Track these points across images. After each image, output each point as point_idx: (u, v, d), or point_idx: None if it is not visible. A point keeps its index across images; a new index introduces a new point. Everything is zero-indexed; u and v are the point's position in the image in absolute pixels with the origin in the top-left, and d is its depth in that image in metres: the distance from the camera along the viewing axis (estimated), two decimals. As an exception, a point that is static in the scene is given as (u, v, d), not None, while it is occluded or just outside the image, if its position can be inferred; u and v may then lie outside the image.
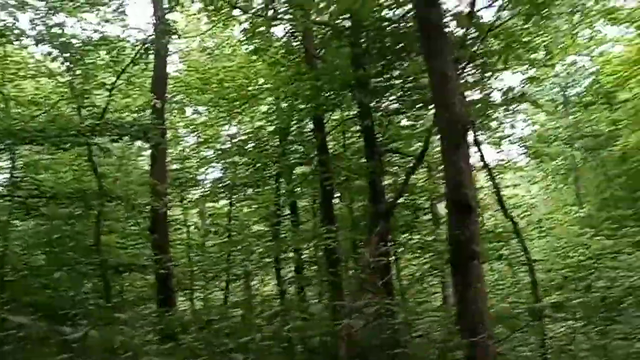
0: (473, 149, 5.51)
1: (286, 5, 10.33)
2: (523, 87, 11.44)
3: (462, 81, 7.07)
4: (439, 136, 10.87)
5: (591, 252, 13.80)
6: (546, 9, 9.14)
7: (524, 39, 10.74)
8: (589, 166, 21.39)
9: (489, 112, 9.80)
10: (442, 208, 15.17)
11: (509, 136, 14.63)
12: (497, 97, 10.56)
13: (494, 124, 12.28)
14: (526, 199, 19.06)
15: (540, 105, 14.18)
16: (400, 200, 10.85)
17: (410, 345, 5.54)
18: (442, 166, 4.97)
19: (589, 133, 20.04)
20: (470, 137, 4.84)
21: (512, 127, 14.29)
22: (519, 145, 16.41)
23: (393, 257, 8.71)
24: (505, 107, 10.17)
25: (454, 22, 7.22)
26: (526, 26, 10.90)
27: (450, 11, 7.52)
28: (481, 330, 4.32)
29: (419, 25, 5.59)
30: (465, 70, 8.62)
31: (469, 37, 8.39)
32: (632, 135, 16.19)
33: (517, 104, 10.68)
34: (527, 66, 11.93)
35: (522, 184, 20.21)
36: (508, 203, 9.94)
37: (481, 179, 12.90)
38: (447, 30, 5.52)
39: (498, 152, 15.17)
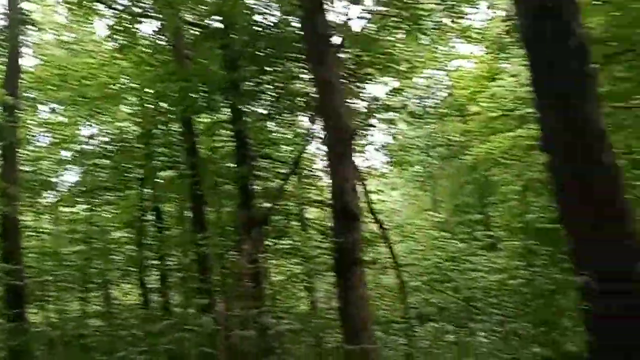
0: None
1: (155, 2, 9.93)
2: (389, 97, 11.92)
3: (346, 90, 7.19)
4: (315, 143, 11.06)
5: (447, 255, 14.71)
6: (415, 24, 9.62)
7: (391, 51, 11.24)
8: (444, 174, 22.82)
9: (365, 120, 10.10)
10: (311, 214, 15.44)
11: (371, 144, 15.18)
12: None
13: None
14: (388, 204, 19.89)
15: (416, 115, 14.89)
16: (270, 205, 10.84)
17: (289, 350, 5.53)
18: (328, 174, 5.00)
19: (444, 143, 21.41)
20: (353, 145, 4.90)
21: (372, 135, 14.85)
22: (382, 152, 17.14)
23: (265, 264, 8.66)
24: (370, 115, 10.52)
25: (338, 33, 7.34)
26: (392, 39, 11.43)
27: (334, 22, 7.64)
28: (364, 334, 4.40)
29: (304, 34, 5.60)
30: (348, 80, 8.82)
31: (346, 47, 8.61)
32: (482, 146, 17.43)
33: (384, 113, 11.08)
34: (390, 77, 12.47)
35: (384, 190, 21.09)
36: (375, 209, 10.27)
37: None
38: (332, 40, 5.57)
39: (363, 160, 15.64)
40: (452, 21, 14.75)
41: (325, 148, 10.64)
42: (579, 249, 5.89)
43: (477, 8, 15.68)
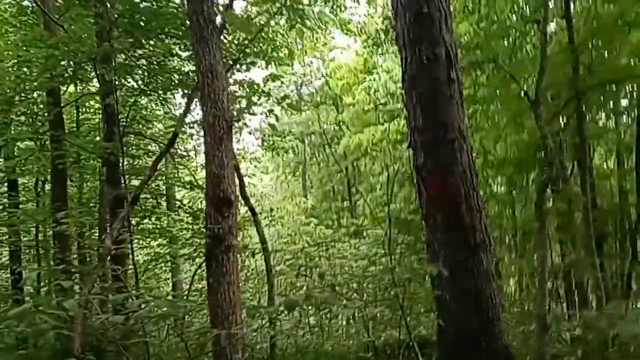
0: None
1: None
2: (267, 83, 11.96)
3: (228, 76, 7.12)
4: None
5: (314, 239, 15.13)
6: (296, 12, 9.75)
7: (271, 37, 11.30)
8: (315, 161, 23.37)
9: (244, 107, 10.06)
10: (179, 194, 15.17)
11: (246, 126, 15.17)
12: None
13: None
14: (259, 188, 20.03)
15: (293, 102, 15.04)
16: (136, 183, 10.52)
17: (152, 334, 5.44)
18: (205, 158, 4.98)
19: (318, 130, 21.90)
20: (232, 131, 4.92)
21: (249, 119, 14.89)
22: (255, 136, 17.21)
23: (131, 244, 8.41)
24: (249, 101, 10.51)
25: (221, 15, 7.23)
26: (273, 24, 11.50)
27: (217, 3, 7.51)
28: (233, 318, 4.47)
29: (189, 15, 5.48)
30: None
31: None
32: (353, 137, 18.08)
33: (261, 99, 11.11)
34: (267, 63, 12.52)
35: (256, 174, 21.18)
36: (247, 193, 10.32)
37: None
38: (216, 25, 5.50)
39: (236, 142, 15.59)
40: (333, 12, 15.15)
41: (201, 131, 10.58)
42: (433, 241, 6.37)
43: (357, 3, 16.21)
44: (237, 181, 6.72)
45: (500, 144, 11.49)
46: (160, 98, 11.27)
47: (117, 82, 9.86)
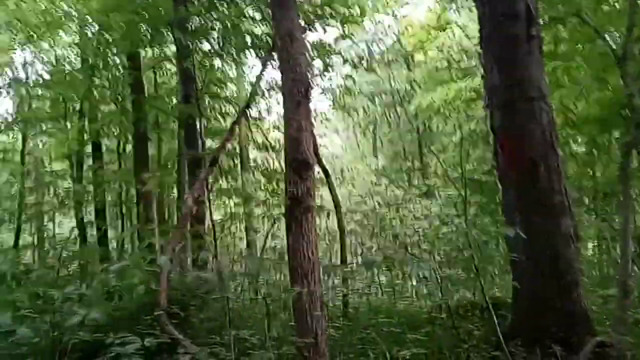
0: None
1: None
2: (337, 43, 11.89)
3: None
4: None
5: (385, 200, 15.11)
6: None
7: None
8: (386, 120, 23.13)
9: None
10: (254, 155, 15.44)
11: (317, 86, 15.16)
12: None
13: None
14: (330, 148, 20.10)
15: (374, 69, 14.93)
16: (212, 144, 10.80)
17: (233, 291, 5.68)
18: (283, 122, 5.08)
19: (389, 89, 21.60)
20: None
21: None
22: (326, 97, 17.15)
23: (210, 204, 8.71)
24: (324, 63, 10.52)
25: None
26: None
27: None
28: (312, 277, 4.62)
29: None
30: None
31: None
32: (425, 95, 17.73)
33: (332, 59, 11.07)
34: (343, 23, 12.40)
35: (327, 134, 21.22)
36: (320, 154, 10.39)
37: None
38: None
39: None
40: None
41: (274, 93, 10.68)
42: (509, 203, 6.26)
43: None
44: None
45: (582, 102, 11.02)
46: (234, 60, 11.41)
47: (192, 46, 10.06)
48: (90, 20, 10.90)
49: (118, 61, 10.87)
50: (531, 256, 5.77)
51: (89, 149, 13.07)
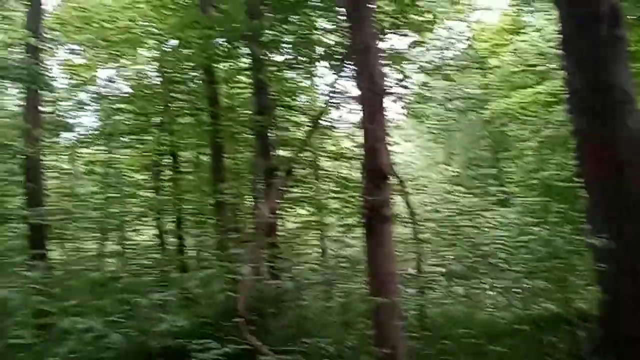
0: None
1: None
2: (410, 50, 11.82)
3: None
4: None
5: (459, 208, 14.79)
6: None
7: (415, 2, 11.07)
8: (459, 127, 22.71)
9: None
10: (325, 164, 15.52)
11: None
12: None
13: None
14: (403, 156, 19.93)
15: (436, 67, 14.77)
16: (284, 154, 10.94)
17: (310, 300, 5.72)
18: (360, 132, 5.10)
19: (462, 95, 21.21)
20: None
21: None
22: (399, 104, 17.02)
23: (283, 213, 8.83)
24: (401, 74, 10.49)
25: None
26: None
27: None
28: (390, 287, 4.59)
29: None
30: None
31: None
32: (500, 101, 17.32)
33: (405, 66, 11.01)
34: (409, 29, 12.31)
35: (399, 142, 21.10)
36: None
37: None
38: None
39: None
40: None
41: (345, 102, 10.72)
42: (597, 210, 6.00)
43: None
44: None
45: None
46: (306, 71, 11.54)
47: (265, 57, 10.27)
48: (168, 37, 11.30)
49: (194, 75, 11.21)
50: (620, 267, 5.51)
51: (168, 160, 13.53)
